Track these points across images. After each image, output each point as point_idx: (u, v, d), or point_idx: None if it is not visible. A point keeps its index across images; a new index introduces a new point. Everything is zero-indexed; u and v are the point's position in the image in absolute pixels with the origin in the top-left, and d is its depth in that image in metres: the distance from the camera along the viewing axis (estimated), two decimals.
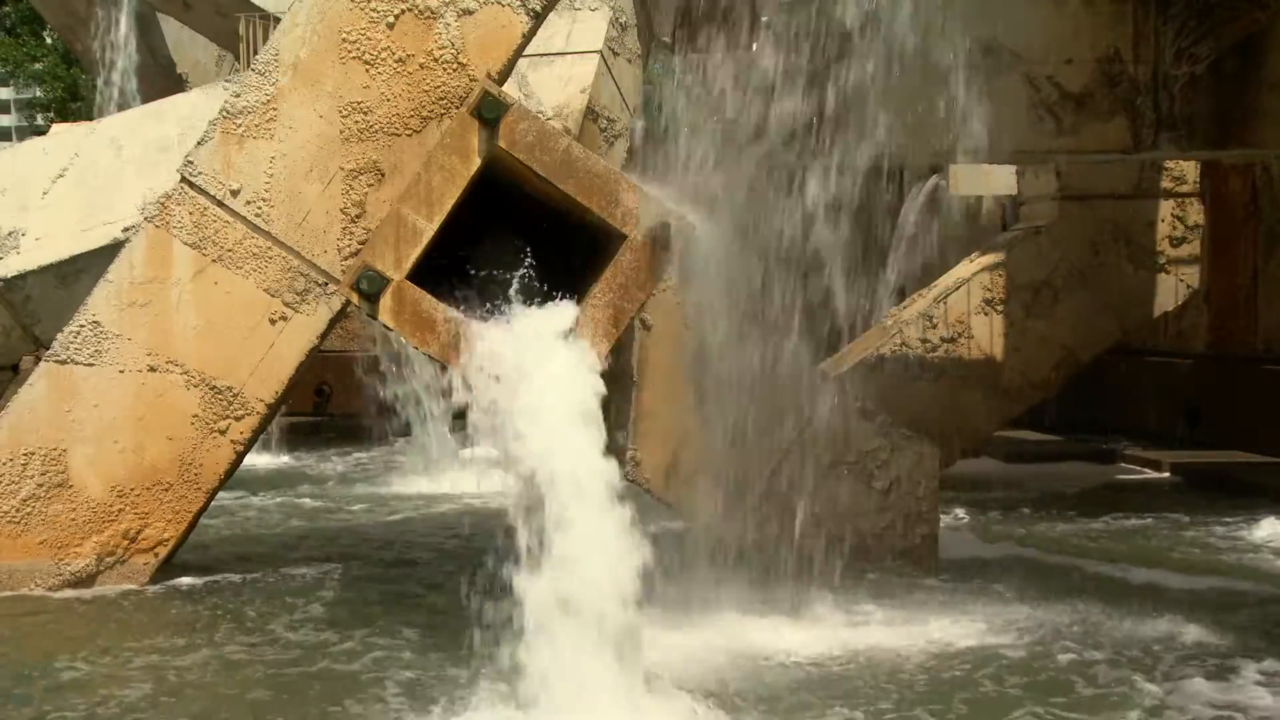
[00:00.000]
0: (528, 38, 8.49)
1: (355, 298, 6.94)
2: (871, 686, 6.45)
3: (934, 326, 13.06)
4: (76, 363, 8.50)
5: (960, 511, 11.26)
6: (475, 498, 11.85)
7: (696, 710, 5.92)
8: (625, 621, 5.89)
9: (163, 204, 8.63)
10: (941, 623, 7.53)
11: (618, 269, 6.92)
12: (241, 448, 8.63)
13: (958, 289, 13.19)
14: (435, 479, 13.57)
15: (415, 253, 6.95)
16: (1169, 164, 13.24)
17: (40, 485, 8.43)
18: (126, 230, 11.97)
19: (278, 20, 10.30)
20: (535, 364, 6.47)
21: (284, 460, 15.19)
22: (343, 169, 8.46)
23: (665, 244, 6.91)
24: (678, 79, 8.68)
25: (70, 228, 12.93)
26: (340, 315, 8.65)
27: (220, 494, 9.06)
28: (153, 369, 8.53)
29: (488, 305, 6.84)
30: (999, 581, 8.55)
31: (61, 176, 13.19)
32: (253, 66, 8.67)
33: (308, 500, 12.35)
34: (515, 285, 6.71)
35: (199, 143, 8.58)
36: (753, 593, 7.70)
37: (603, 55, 17.11)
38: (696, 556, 7.76)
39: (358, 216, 8.44)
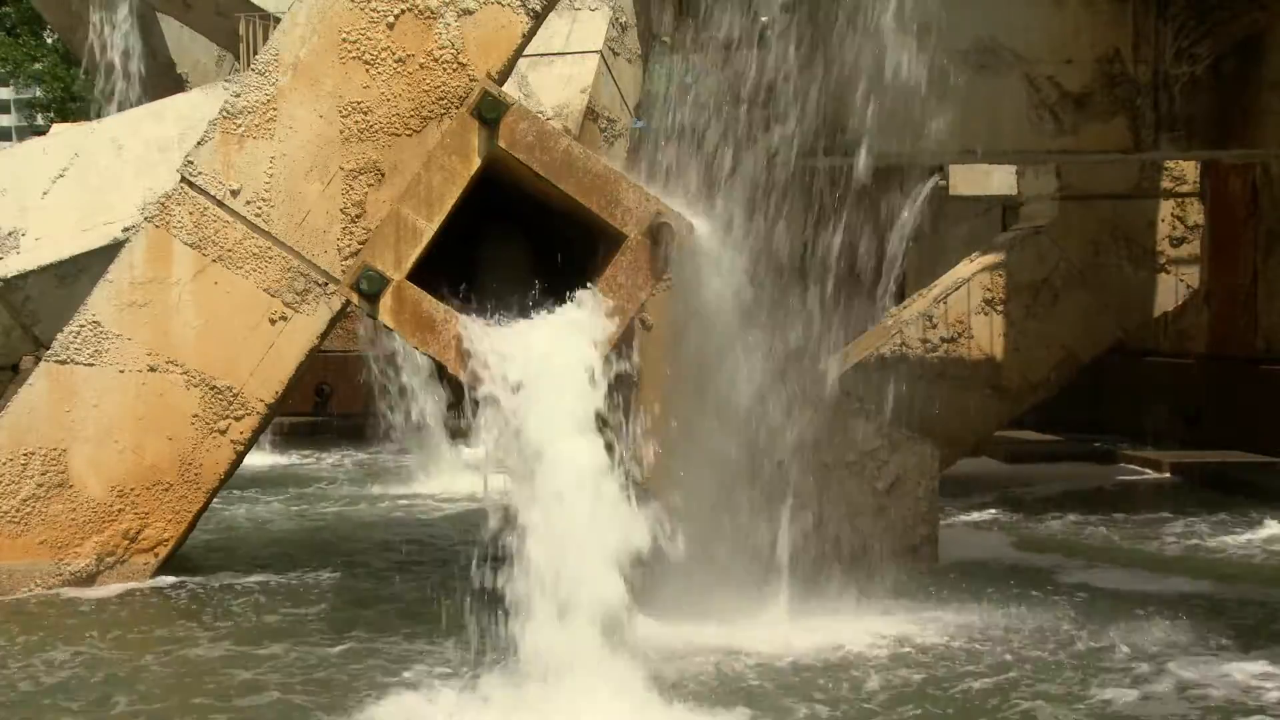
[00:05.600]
0: (528, 38, 8.49)
1: (355, 298, 6.94)
2: (862, 687, 6.45)
3: (934, 326, 13.07)
4: (76, 363, 8.50)
5: (961, 512, 11.25)
6: (474, 499, 11.83)
7: (683, 710, 5.93)
8: (619, 615, 5.93)
9: (163, 204, 8.64)
10: (938, 624, 7.53)
11: (618, 269, 6.92)
12: (242, 448, 8.63)
13: (958, 289, 13.20)
14: (435, 480, 13.56)
15: (415, 253, 6.95)
16: (1169, 164, 13.24)
17: (40, 485, 8.44)
18: (126, 230, 11.98)
19: (278, 20, 10.31)
20: (536, 364, 6.47)
21: (283, 461, 15.19)
22: (343, 169, 8.46)
23: (665, 244, 6.90)
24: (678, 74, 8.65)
25: (70, 228, 12.94)
26: (340, 315, 8.65)
27: (220, 494, 9.07)
28: (153, 369, 8.53)
29: (488, 306, 6.84)
30: (998, 582, 8.54)
31: (61, 176, 13.19)
32: (253, 66, 8.67)
33: (307, 501, 12.35)
34: (516, 286, 6.72)
35: (199, 143, 8.58)
36: (749, 592, 7.69)
37: (603, 55, 17.09)
38: (694, 555, 7.75)
39: (358, 216, 8.45)
